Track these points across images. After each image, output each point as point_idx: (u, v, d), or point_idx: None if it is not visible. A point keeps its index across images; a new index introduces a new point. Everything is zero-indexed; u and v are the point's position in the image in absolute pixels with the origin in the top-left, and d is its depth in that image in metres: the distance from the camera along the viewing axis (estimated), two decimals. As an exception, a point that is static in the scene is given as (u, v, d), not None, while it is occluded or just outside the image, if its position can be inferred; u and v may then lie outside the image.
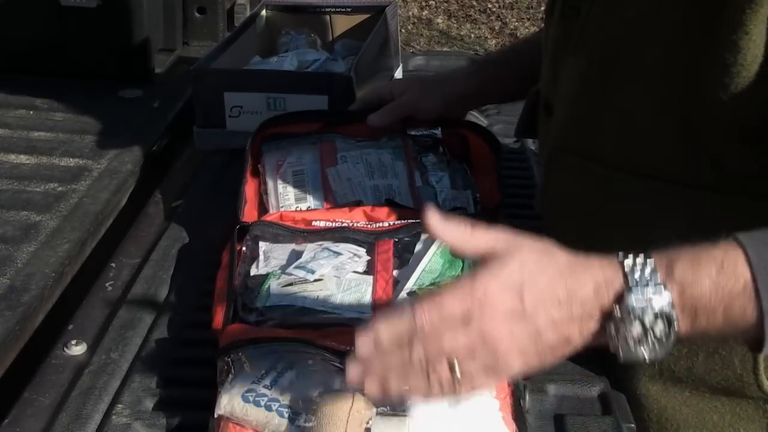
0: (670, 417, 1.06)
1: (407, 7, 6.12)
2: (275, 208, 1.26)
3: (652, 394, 1.07)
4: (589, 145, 1.03)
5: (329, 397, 0.86)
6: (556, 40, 1.09)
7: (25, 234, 1.33)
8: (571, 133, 1.06)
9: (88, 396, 1.00)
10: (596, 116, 1.01)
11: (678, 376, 1.04)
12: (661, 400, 1.06)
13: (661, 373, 1.05)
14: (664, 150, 0.96)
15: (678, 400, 1.06)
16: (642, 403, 1.07)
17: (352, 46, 1.80)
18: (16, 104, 1.80)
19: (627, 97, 0.97)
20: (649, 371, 1.06)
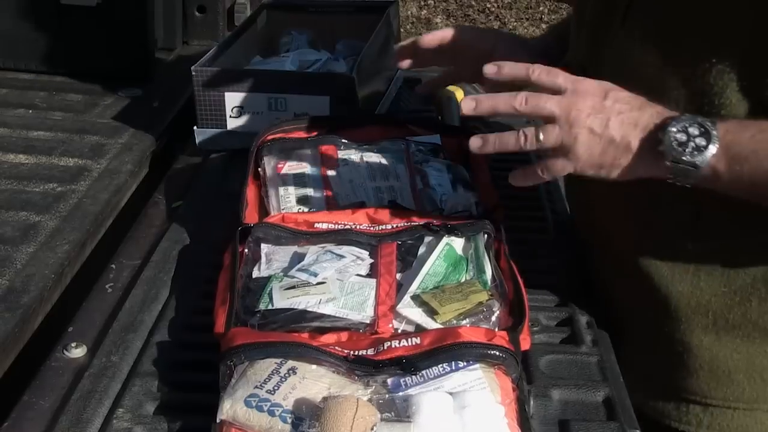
0: (722, 364, 1.14)
1: (406, 6, 6.11)
2: (276, 210, 1.25)
3: (705, 345, 1.14)
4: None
5: (333, 402, 0.85)
6: (596, 12, 1.14)
7: (24, 235, 1.32)
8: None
9: (88, 399, 0.99)
10: (657, 84, 1.05)
11: (731, 324, 1.12)
12: (713, 349, 1.14)
13: (715, 323, 1.12)
14: (723, 109, 1.02)
15: (729, 348, 1.13)
16: (695, 354, 1.15)
17: (353, 46, 1.79)
18: (15, 103, 1.79)
19: (690, 62, 1.03)
20: (702, 322, 1.13)
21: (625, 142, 0.99)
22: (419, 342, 0.94)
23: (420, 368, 0.91)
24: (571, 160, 1.01)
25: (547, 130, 1.01)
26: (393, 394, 0.89)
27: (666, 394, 1.20)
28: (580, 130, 0.99)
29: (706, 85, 1.02)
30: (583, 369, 1.06)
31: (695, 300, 1.13)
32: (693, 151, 0.95)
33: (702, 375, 1.16)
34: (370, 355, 0.93)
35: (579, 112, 0.99)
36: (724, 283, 1.11)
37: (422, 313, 1.03)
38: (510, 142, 1.03)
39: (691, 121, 0.96)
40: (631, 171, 1.01)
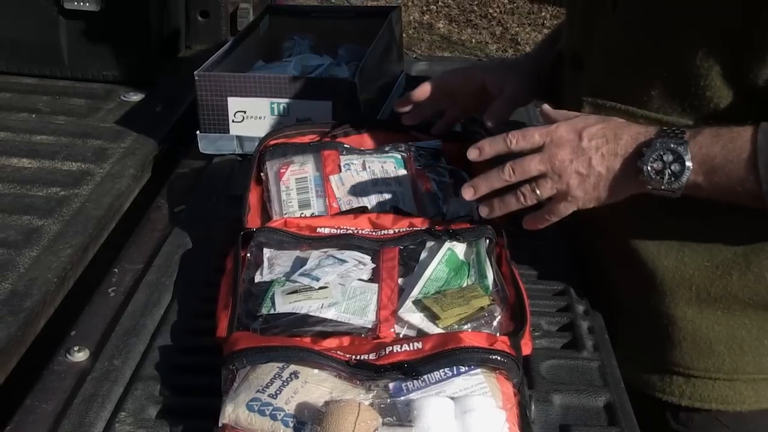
0: (704, 336, 1.20)
1: (408, 11, 6.12)
2: (278, 215, 1.25)
3: (688, 317, 1.20)
4: (630, 90, 1.15)
5: (335, 406, 0.85)
6: (588, 2, 1.20)
7: (27, 239, 1.32)
8: (612, 81, 1.18)
9: (90, 403, 1.00)
10: (641, 61, 1.13)
11: (713, 297, 1.17)
12: (696, 320, 1.20)
13: (698, 296, 1.18)
14: (708, 91, 1.08)
15: (711, 320, 1.19)
16: (679, 326, 1.21)
17: (355, 51, 1.80)
18: (18, 107, 1.80)
19: (676, 45, 1.09)
20: (685, 295, 1.19)
21: (612, 174, 1.08)
22: (421, 347, 0.95)
23: (422, 373, 0.91)
24: (571, 201, 1.11)
25: (541, 185, 1.11)
26: (395, 399, 0.89)
27: (652, 367, 1.25)
28: (570, 176, 1.09)
29: (692, 67, 1.08)
30: (585, 374, 1.06)
31: (679, 274, 1.18)
32: (670, 178, 1.04)
33: (685, 346, 1.21)
34: (372, 359, 0.94)
35: (562, 162, 1.09)
36: (707, 258, 1.16)
37: (424, 317, 1.03)
38: (512, 203, 1.14)
39: (664, 148, 1.04)
40: (626, 192, 1.09)
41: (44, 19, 1.89)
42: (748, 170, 1.01)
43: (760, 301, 1.17)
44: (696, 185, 1.04)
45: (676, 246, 1.17)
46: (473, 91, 1.42)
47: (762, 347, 1.20)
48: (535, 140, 1.11)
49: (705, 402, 1.23)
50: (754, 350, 1.20)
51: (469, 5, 6.29)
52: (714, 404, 1.23)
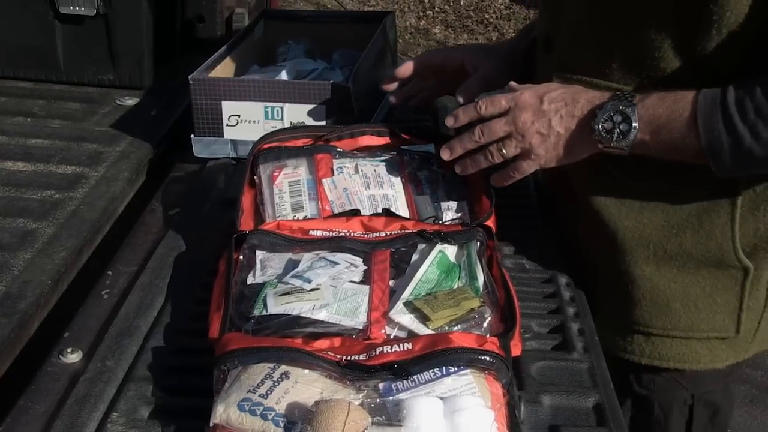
0: (661, 293, 1.29)
1: (405, 16, 6.13)
2: (272, 218, 1.26)
3: (647, 275, 1.28)
4: (593, 64, 1.23)
5: (325, 406, 0.86)
6: None
7: (22, 241, 1.33)
8: (578, 56, 1.26)
9: (83, 404, 1.00)
10: (603, 36, 1.22)
11: (669, 254, 1.26)
12: (654, 278, 1.28)
13: (655, 254, 1.27)
14: (661, 62, 1.17)
15: (667, 277, 1.28)
16: (638, 285, 1.29)
17: (350, 55, 1.80)
18: (13, 111, 1.80)
19: (632, 19, 1.17)
20: (644, 253, 1.27)
21: (569, 133, 1.19)
22: (411, 347, 0.95)
23: (411, 373, 0.92)
24: (533, 159, 1.23)
25: (507, 145, 1.23)
26: (384, 399, 0.90)
27: (617, 327, 1.33)
28: (531, 136, 1.21)
29: (647, 41, 1.17)
30: (574, 375, 1.07)
31: (638, 233, 1.26)
32: (619, 137, 1.15)
33: (644, 304, 1.30)
34: (363, 360, 0.94)
35: (525, 123, 1.21)
36: (664, 218, 1.25)
37: (414, 319, 1.04)
38: (481, 161, 1.26)
39: (614, 109, 1.15)
40: (582, 151, 1.20)
41: (40, 23, 1.89)
42: (689, 128, 1.11)
43: (711, 258, 1.25)
44: (643, 143, 1.15)
45: (636, 207, 1.26)
46: (452, 69, 1.53)
47: (715, 305, 1.28)
48: (502, 105, 1.23)
49: (663, 360, 1.32)
50: (707, 307, 1.28)
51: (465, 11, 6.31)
52: (672, 362, 1.31)
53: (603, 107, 1.16)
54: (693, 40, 1.14)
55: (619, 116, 1.15)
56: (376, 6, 6.31)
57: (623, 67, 1.21)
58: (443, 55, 1.62)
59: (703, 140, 1.11)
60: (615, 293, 1.31)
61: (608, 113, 1.15)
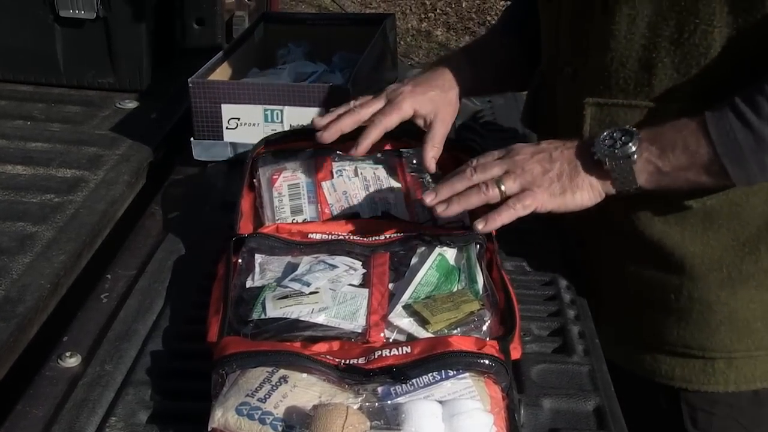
0: (740, 316, 1.21)
1: (406, 19, 6.13)
2: (271, 221, 1.26)
3: (722, 300, 1.20)
4: (632, 84, 1.16)
5: (323, 410, 0.85)
6: (573, 8, 1.21)
7: (21, 245, 1.32)
8: (612, 79, 1.18)
9: (81, 408, 1.00)
10: (645, 57, 1.14)
11: (745, 275, 1.19)
12: (731, 302, 1.20)
13: (730, 277, 1.19)
14: (711, 70, 1.11)
15: (746, 299, 1.20)
16: (715, 311, 1.21)
17: (349, 58, 1.80)
18: (13, 114, 1.80)
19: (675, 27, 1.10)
20: (717, 277, 1.19)
21: (572, 164, 1.12)
22: (410, 351, 0.95)
23: (410, 377, 0.92)
24: (536, 193, 1.12)
25: (505, 180, 1.12)
26: (383, 403, 0.89)
27: (688, 357, 1.24)
28: (533, 167, 1.12)
29: (692, 48, 1.10)
30: (574, 378, 1.07)
31: (708, 257, 1.19)
32: (621, 146, 1.08)
33: (723, 330, 1.21)
34: (361, 363, 0.94)
35: (524, 158, 1.13)
36: (732, 237, 1.18)
37: (414, 322, 1.04)
38: (472, 197, 1.13)
39: (614, 129, 1.10)
40: (586, 184, 1.12)
41: (40, 26, 1.90)
42: (698, 138, 1.05)
43: None
44: (650, 163, 1.08)
45: (699, 230, 1.18)
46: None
47: None
48: (495, 155, 1.16)
49: (749, 383, 1.24)
50: None
51: (467, 13, 6.31)
52: (759, 383, 1.24)
53: (603, 131, 1.11)
54: (742, 42, 1.08)
55: (619, 132, 1.10)
56: (377, 8, 6.32)
57: (668, 81, 1.14)
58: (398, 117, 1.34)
59: (718, 147, 1.05)
60: (685, 322, 1.23)
61: (609, 132, 1.11)
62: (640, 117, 1.16)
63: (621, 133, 1.09)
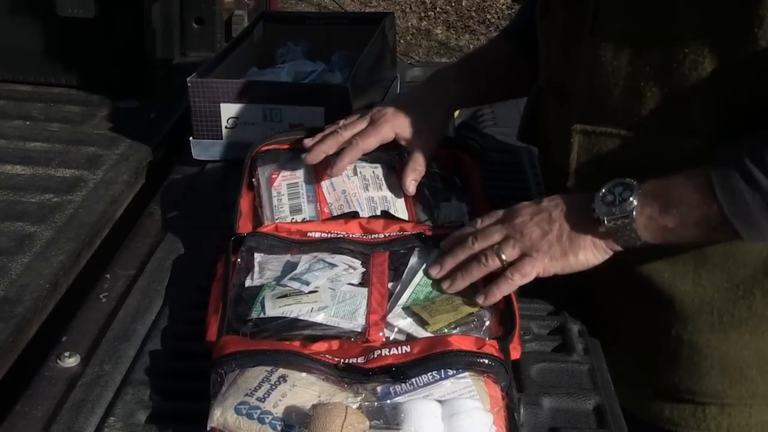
0: (733, 362, 1.15)
1: (406, 17, 6.13)
2: (270, 220, 1.26)
3: (713, 344, 1.14)
4: (620, 113, 1.10)
5: (322, 409, 0.85)
6: (563, 27, 1.15)
7: (20, 245, 1.32)
8: (600, 106, 1.11)
9: (80, 408, 1.00)
10: (633, 85, 1.08)
11: (738, 320, 1.12)
12: (723, 347, 1.14)
13: (721, 320, 1.12)
14: (701, 106, 1.04)
15: (738, 344, 1.14)
16: (705, 355, 1.15)
17: (349, 57, 1.80)
18: (12, 114, 1.80)
19: (663, 56, 1.04)
20: (708, 320, 1.13)
21: (572, 223, 1.07)
22: (409, 350, 0.95)
23: (410, 376, 0.92)
24: (536, 258, 1.08)
25: (504, 246, 1.09)
26: (382, 402, 0.89)
27: (678, 401, 1.19)
28: (531, 232, 1.08)
29: (681, 78, 1.04)
30: (574, 377, 1.07)
31: (699, 298, 1.13)
32: (620, 204, 1.03)
33: (714, 375, 1.16)
34: (361, 363, 0.94)
35: (523, 222, 1.09)
36: (726, 278, 1.11)
37: (413, 323, 1.03)
38: (473, 269, 1.09)
39: (614, 182, 1.05)
40: (587, 243, 1.07)
41: (39, 26, 1.89)
42: (704, 195, 0.99)
43: None
44: (653, 220, 1.02)
45: (691, 269, 1.12)
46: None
47: None
48: (494, 218, 1.12)
49: (744, 431, 1.18)
50: None
51: (467, 11, 6.30)
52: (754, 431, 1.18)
53: (602, 187, 1.05)
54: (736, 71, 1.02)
55: (620, 187, 1.04)
56: (377, 7, 6.31)
57: (656, 113, 1.07)
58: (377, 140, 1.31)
59: (726, 208, 0.97)
60: (669, 363, 1.18)
61: (608, 187, 1.05)
62: (629, 148, 1.10)
63: (621, 188, 1.04)
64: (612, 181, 1.05)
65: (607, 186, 1.05)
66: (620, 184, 1.04)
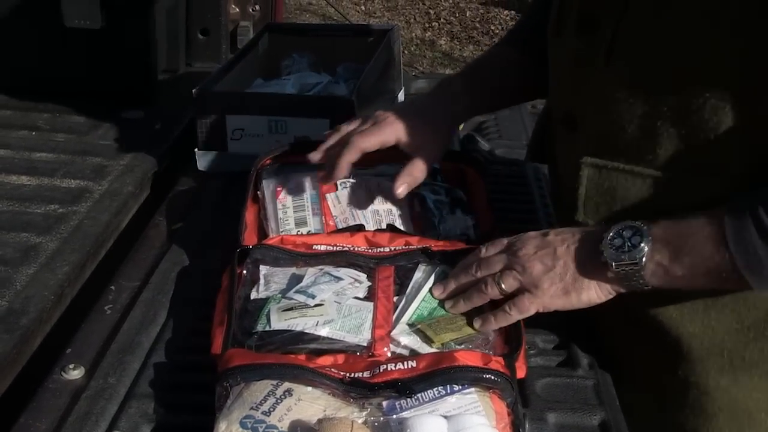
0: (741, 405, 1.11)
1: (410, 28, 6.14)
2: (275, 233, 1.25)
3: (722, 387, 1.11)
4: (632, 148, 1.06)
5: (328, 424, 0.85)
6: (576, 54, 1.11)
7: (25, 256, 1.32)
8: (611, 140, 1.08)
9: (84, 421, 1.00)
10: (649, 124, 1.04)
11: (748, 363, 1.09)
12: (732, 390, 1.11)
13: (731, 363, 1.10)
14: (722, 144, 1.00)
15: (748, 387, 1.11)
16: (713, 397, 1.12)
17: (354, 69, 1.80)
18: (18, 125, 1.80)
19: (682, 98, 1.01)
20: (717, 363, 1.10)
21: (576, 262, 1.04)
22: (415, 365, 0.95)
23: (415, 391, 0.91)
24: (535, 294, 1.05)
25: (505, 278, 1.06)
26: (388, 417, 0.89)
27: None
28: (534, 266, 1.05)
29: (701, 122, 1.00)
30: (579, 393, 1.06)
31: (708, 340, 1.10)
32: (630, 250, 1.00)
33: (722, 418, 1.13)
34: (366, 377, 0.94)
35: (527, 254, 1.06)
36: (736, 320, 1.08)
37: (418, 339, 1.03)
38: (474, 296, 1.08)
39: (623, 227, 1.01)
40: (591, 286, 1.04)
41: (46, 36, 1.90)
42: (716, 245, 0.96)
43: None
44: (662, 267, 0.99)
45: (700, 310, 1.09)
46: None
47: None
48: (498, 247, 1.10)
49: None
50: None
51: (471, 22, 6.32)
52: None
53: (611, 228, 1.02)
54: (757, 122, 0.98)
55: (629, 231, 1.01)
56: (381, 18, 6.33)
57: (670, 150, 1.04)
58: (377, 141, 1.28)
59: (738, 261, 0.94)
60: (676, 406, 1.15)
61: (617, 230, 1.01)
62: (642, 185, 1.07)
63: (631, 232, 1.01)
64: (620, 224, 1.02)
65: (616, 229, 1.02)
66: (629, 228, 1.01)
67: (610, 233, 1.02)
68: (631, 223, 1.01)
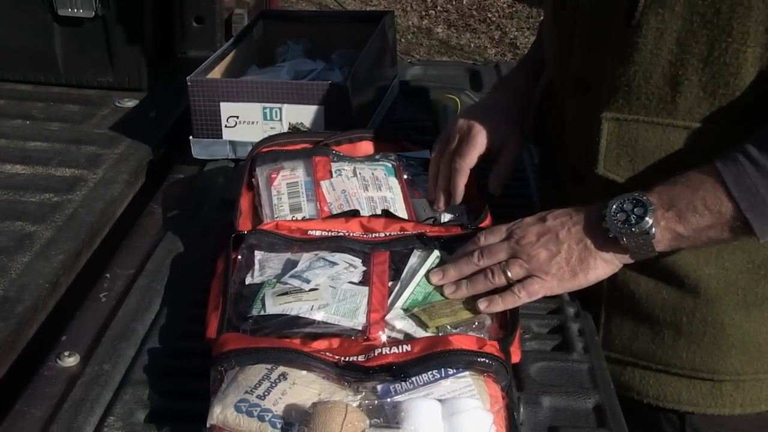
0: (752, 339, 1.18)
1: (407, 16, 6.12)
2: (270, 219, 1.25)
3: (736, 323, 1.17)
4: (653, 100, 1.10)
5: (322, 408, 0.85)
6: (596, 16, 1.15)
7: (20, 244, 1.32)
8: (632, 94, 1.11)
9: (80, 408, 1.00)
10: (672, 72, 1.08)
11: (760, 298, 1.16)
12: (744, 325, 1.17)
13: (745, 299, 1.16)
14: (742, 92, 1.05)
15: (758, 322, 1.17)
16: (728, 334, 1.18)
17: (349, 55, 1.80)
18: (12, 114, 1.80)
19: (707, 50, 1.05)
20: (733, 300, 1.16)
21: (581, 243, 1.08)
22: (410, 349, 0.95)
23: (410, 375, 0.91)
24: (545, 279, 1.09)
25: (511, 265, 1.09)
26: (382, 400, 0.89)
27: (696, 381, 1.22)
28: (538, 253, 1.08)
29: (721, 67, 1.04)
30: (574, 376, 1.06)
31: (723, 280, 1.16)
32: (637, 222, 1.03)
33: (734, 353, 1.19)
34: (361, 361, 0.94)
35: (530, 242, 1.09)
36: (747, 259, 1.15)
37: (412, 324, 1.04)
38: (479, 282, 1.10)
39: (622, 200, 1.05)
40: (601, 262, 1.08)
41: (38, 25, 1.89)
42: (717, 196, 1.01)
43: None
44: (669, 230, 1.04)
45: (714, 252, 1.14)
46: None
47: None
48: (502, 235, 1.12)
49: (755, 405, 1.22)
50: None
51: (468, 10, 6.30)
52: (764, 406, 1.22)
53: (609, 204, 1.05)
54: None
55: (630, 204, 1.04)
56: (377, 5, 6.31)
57: (691, 99, 1.08)
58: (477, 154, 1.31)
59: (741, 203, 0.99)
60: (698, 345, 1.20)
61: (617, 204, 1.05)
62: (661, 135, 1.11)
63: (632, 204, 1.04)
64: (618, 198, 1.05)
65: (616, 203, 1.05)
66: (630, 200, 1.04)
67: (612, 208, 1.05)
68: (628, 195, 1.04)
